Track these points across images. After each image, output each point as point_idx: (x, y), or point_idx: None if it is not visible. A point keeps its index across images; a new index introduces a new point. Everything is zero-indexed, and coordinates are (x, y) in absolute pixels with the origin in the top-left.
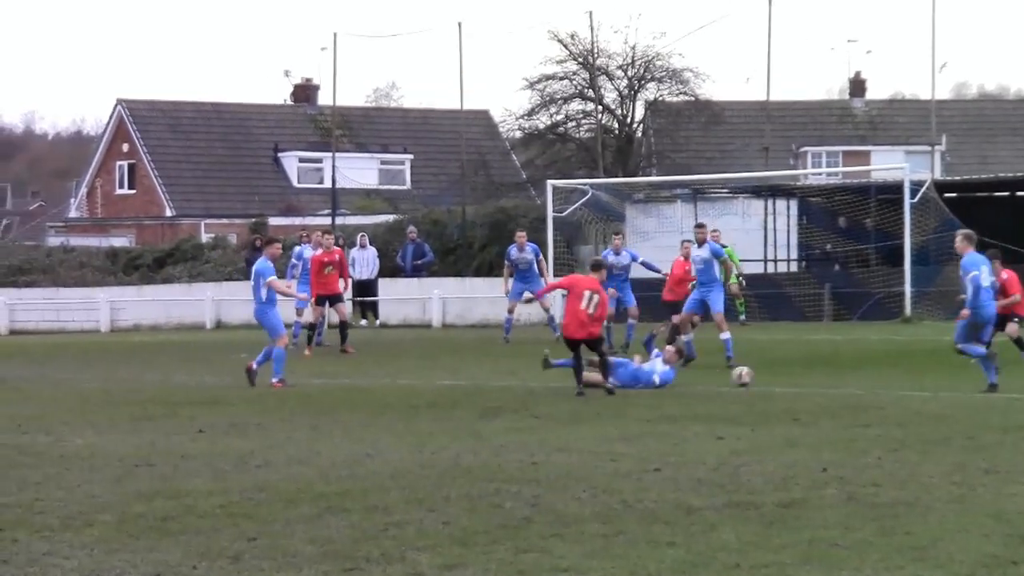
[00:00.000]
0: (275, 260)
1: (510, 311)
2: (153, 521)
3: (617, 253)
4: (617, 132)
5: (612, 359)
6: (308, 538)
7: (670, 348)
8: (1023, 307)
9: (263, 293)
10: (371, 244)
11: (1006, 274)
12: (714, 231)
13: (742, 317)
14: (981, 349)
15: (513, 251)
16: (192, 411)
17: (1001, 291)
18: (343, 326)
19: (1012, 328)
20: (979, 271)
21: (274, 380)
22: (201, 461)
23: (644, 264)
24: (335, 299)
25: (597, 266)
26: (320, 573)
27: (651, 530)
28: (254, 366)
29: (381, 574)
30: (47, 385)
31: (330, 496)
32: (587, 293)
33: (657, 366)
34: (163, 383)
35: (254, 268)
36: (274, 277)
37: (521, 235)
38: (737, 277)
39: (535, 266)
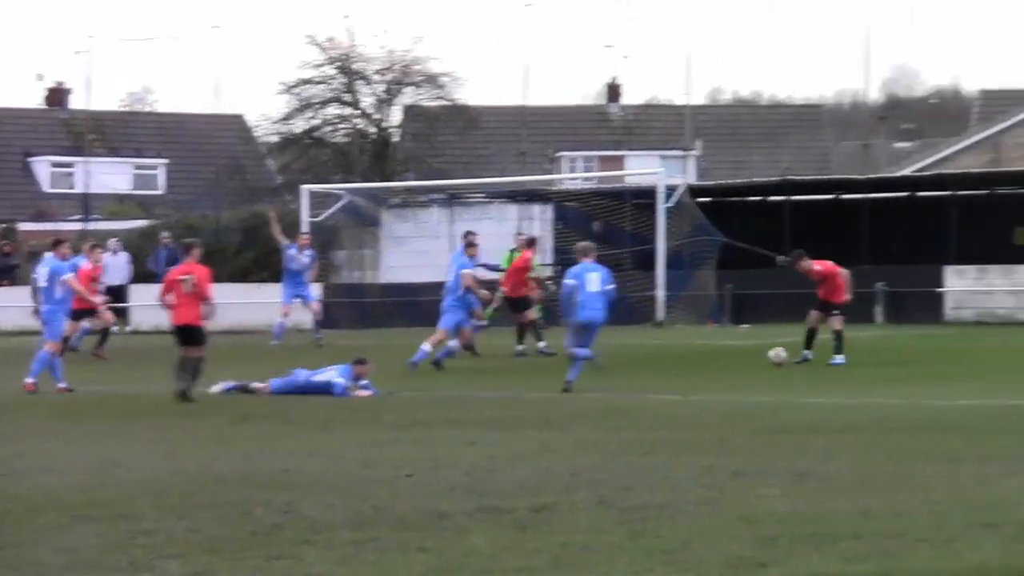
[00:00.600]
0: (64, 261)
1: (285, 315)
2: None
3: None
4: (374, 137)
5: None
6: (54, 547)
7: (362, 365)
8: (840, 296)
9: (57, 292)
10: (123, 250)
11: (819, 265)
12: (520, 234)
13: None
14: (587, 352)
15: (293, 250)
16: None
17: (821, 283)
18: (104, 332)
19: (835, 322)
20: (585, 281)
21: (28, 380)
22: None
23: (483, 265)
24: (93, 312)
25: (187, 247)
26: None
27: (403, 536)
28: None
29: None
30: None
31: (77, 505)
32: (182, 278)
33: (332, 375)
34: None
35: (47, 268)
36: (72, 275)
37: (305, 237)
38: (543, 280)
39: (308, 271)
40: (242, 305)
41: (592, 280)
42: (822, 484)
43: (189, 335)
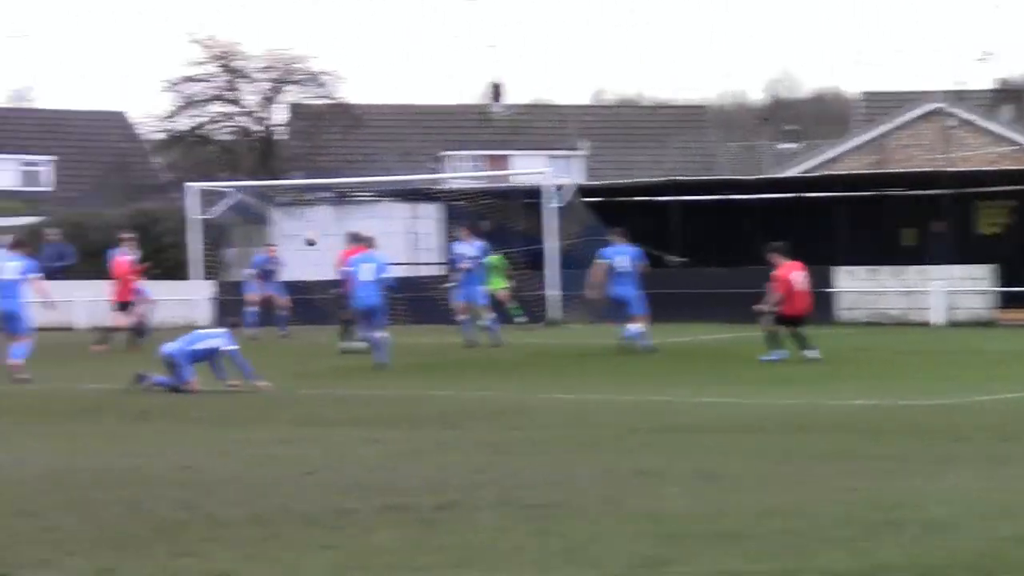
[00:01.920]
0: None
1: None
2: None
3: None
4: (259, 135)
5: None
6: None
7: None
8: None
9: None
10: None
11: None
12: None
13: (519, 319)
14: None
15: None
16: None
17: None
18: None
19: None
20: (361, 271)
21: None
22: None
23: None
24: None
25: None
26: None
27: (307, 533)
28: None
29: None
30: None
31: None
32: None
33: (219, 342)
34: None
35: (20, 264)
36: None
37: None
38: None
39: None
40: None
41: (366, 270)
42: (723, 483)
43: None
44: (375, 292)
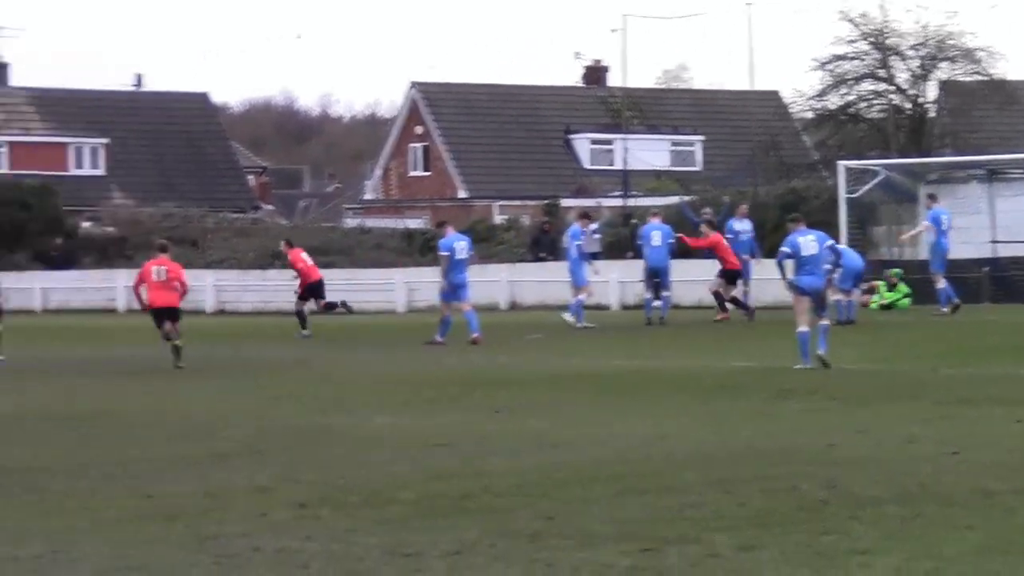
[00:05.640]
0: None
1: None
2: (451, 499)
3: None
4: (909, 112)
5: None
6: (605, 518)
7: None
8: None
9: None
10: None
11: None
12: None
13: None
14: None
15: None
16: (488, 391)
17: None
18: None
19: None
20: (650, 237)
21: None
22: (498, 441)
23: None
24: None
25: (163, 248)
26: (618, 553)
27: (949, 513)
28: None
29: (678, 555)
30: (347, 367)
31: (626, 477)
32: (154, 269)
33: None
34: (459, 364)
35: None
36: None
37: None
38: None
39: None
40: (776, 281)
41: (655, 236)
42: None
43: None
44: (664, 256)
